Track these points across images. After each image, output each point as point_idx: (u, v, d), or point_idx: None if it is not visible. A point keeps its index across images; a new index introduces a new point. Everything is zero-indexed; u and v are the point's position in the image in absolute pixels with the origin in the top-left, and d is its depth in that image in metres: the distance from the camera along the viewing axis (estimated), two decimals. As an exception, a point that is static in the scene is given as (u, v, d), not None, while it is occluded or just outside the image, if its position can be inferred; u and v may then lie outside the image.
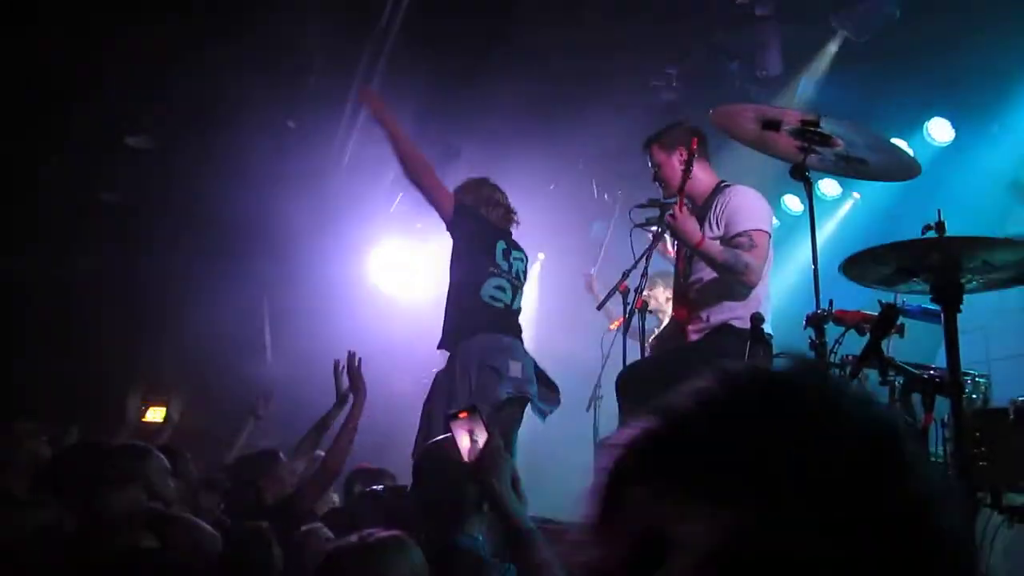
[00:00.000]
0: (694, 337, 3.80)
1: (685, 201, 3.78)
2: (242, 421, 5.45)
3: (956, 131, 5.63)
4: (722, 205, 3.75)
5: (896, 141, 5.75)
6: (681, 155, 3.88)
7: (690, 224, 3.60)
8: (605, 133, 6.55)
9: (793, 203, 6.30)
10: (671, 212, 3.63)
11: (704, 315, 3.77)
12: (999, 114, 5.45)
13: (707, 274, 3.77)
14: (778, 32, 5.35)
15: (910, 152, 5.72)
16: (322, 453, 4.34)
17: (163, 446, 3.69)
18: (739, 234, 3.63)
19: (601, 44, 5.85)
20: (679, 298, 3.92)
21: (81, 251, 7.20)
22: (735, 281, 3.63)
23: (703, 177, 3.96)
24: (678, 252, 4.09)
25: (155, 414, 6.84)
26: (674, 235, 3.79)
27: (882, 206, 5.89)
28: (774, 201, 6.17)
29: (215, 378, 7.29)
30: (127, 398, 6.69)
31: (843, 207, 6.33)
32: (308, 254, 7.76)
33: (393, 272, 8.17)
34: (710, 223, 3.74)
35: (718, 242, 3.64)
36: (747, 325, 3.48)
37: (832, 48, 5.51)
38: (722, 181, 3.95)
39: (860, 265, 2.50)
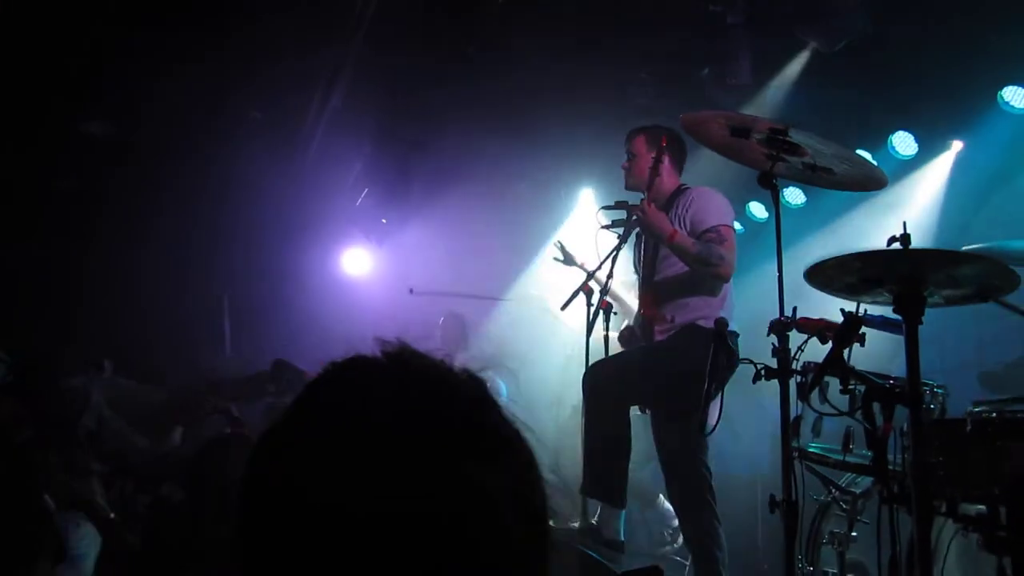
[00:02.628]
0: (660, 337, 3.83)
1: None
2: None
3: (919, 145, 5.70)
4: (684, 206, 3.82)
5: (861, 153, 5.87)
6: (666, 157, 3.99)
7: (660, 217, 3.66)
8: (574, 135, 6.56)
9: (758, 210, 6.35)
10: (640, 207, 3.65)
11: (670, 315, 3.81)
12: (962, 130, 5.54)
13: (671, 272, 3.81)
14: (749, 41, 5.38)
15: (875, 164, 5.82)
16: None
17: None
18: (708, 230, 3.71)
19: (574, 47, 5.85)
20: (645, 297, 3.94)
21: (33, 240, 7.03)
22: (709, 274, 3.67)
23: (668, 180, 4.02)
24: (644, 252, 4.10)
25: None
26: (645, 230, 3.82)
27: (845, 217, 5.95)
28: (739, 208, 6.22)
29: (172, 371, 7.16)
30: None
31: (806, 216, 6.39)
32: (271, 247, 7.67)
33: (358, 266, 8.10)
34: (676, 221, 3.78)
35: (690, 238, 3.68)
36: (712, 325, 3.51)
37: (801, 59, 5.56)
38: (682, 184, 4.01)
39: (825, 273, 2.52)
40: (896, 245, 2.57)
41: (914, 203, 5.75)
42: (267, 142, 7.37)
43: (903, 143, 5.74)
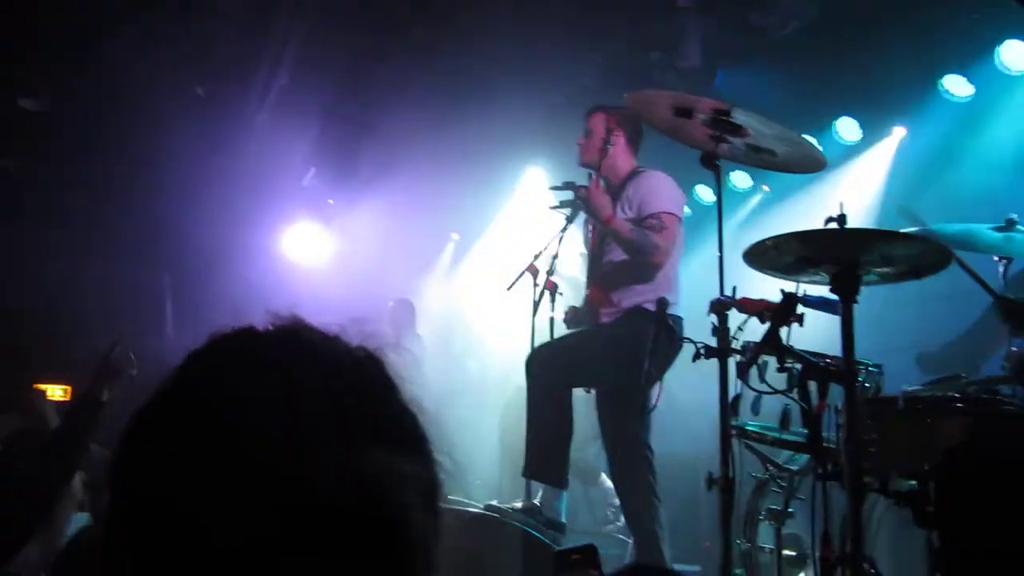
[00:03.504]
0: (605, 320, 3.84)
1: (600, 181, 3.81)
2: None
3: (863, 131, 5.79)
4: (635, 188, 3.81)
5: (806, 137, 5.94)
6: (618, 137, 3.96)
7: (602, 199, 3.68)
8: (524, 115, 6.53)
9: (706, 193, 6.40)
10: (584, 186, 3.67)
11: (615, 298, 3.82)
12: (906, 116, 5.63)
13: (618, 256, 3.81)
14: (699, 24, 5.40)
15: (817, 147, 5.90)
16: None
17: None
18: (650, 216, 3.71)
19: (523, 28, 5.81)
20: (592, 280, 3.94)
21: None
22: (643, 261, 3.67)
23: (622, 161, 4.02)
24: (593, 233, 4.10)
25: (54, 393, 6.62)
26: (586, 209, 3.82)
27: (790, 201, 6.03)
28: (687, 191, 6.26)
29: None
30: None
31: (752, 200, 6.46)
32: (214, 227, 7.51)
33: (305, 246, 7.98)
34: (623, 205, 3.79)
35: (628, 223, 3.66)
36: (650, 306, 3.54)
37: (750, 44, 5.59)
38: (638, 167, 4.00)
39: (763, 254, 2.54)
40: (833, 225, 2.60)
41: (857, 187, 5.84)
42: (211, 120, 7.21)
43: (847, 128, 5.82)
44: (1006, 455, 2.02)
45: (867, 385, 2.96)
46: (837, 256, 2.51)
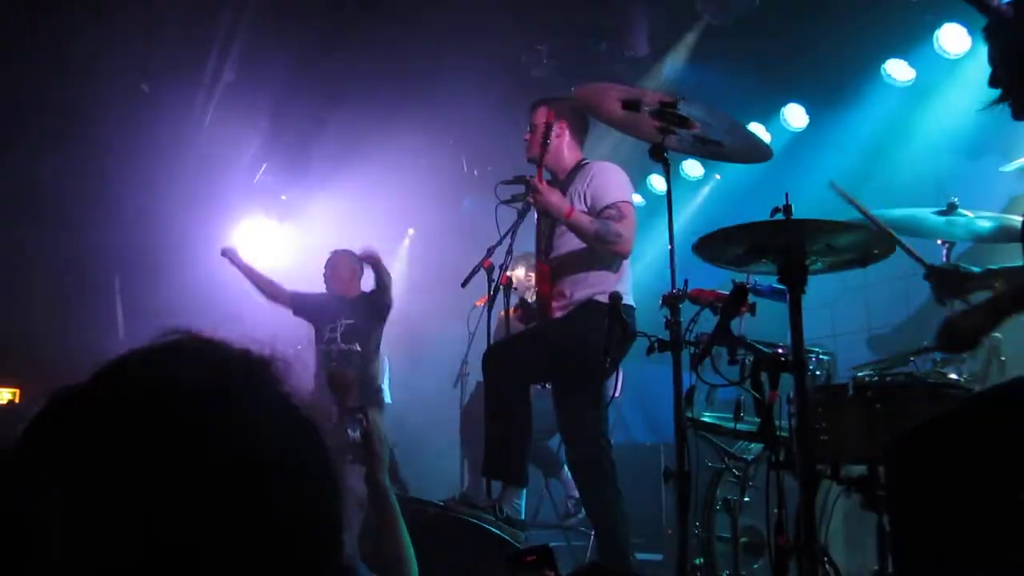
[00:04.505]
0: (558, 314, 3.81)
1: (545, 175, 3.78)
2: None
3: (810, 117, 5.86)
4: (585, 181, 3.79)
5: (754, 125, 5.99)
6: (561, 128, 3.91)
7: (555, 196, 3.64)
8: (475, 108, 6.50)
9: (659, 183, 6.44)
10: (532, 187, 3.65)
11: (567, 291, 3.79)
12: (851, 102, 5.71)
13: (568, 248, 3.80)
14: (645, 13, 5.41)
15: (763, 137, 5.96)
16: None
17: None
18: (607, 206, 3.68)
19: (471, 18, 5.78)
20: (541, 274, 3.92)
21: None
22: (607, 252, 3.66)
23: (568, 154, 3.99)
24: (538, 228, 4.07)
25: (1, 395, 6.52)
26: (540, 210, 3.80)
27: (742, 188, 6.09)
28: (639, 181, 6.29)
29: (62, 356, 6.85)
30: None
31: (705, 188, 6.51)
32: (165, 226, 7.37)
33: (256, 244, 7.86)
34: (572, 199, 3.76)
35: (587, 215, 3.66)
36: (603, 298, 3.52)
37: (696, 31, 5.62)
38: (583, 159, 3.99)
39: (712, 246, 2.55)
40: (779, 216, 2.63)
41: (803, 174, 5.91)
42: (157, 116, 7.06)
43: (794, 115, 5.89)
44: (952, 437, 2.05)
45: (818, 373, 3.01)
46: (783, 246, 2.53)
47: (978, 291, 2.68)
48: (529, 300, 4.23)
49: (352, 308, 5.76)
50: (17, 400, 6.87)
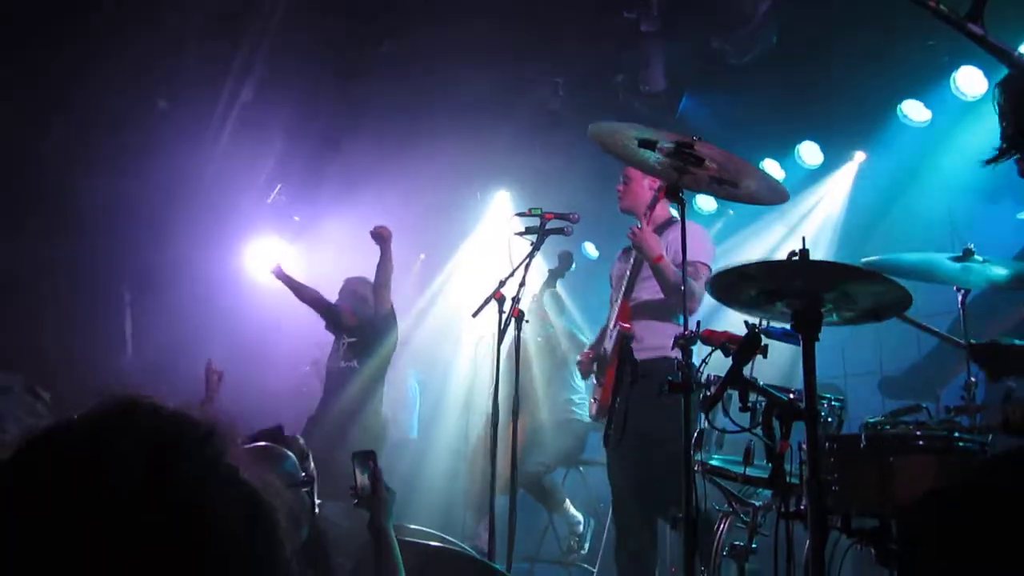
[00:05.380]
0: (639, 356, 3.85)
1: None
2: None
3: (825, 155, 5.85)
4: (672, 236, 3.95)
5: (768, 161, 5.99)
6: (652, 181, 4.13)
7: (652, 239, 3.89)
8: (490, 136, 6.51)
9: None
10: (634, 226, 3.93)
11: (640, 334, 3.94)
12: (867, 141, 5.70)
13: (648, 296, 4.01)
14: (662, 49, 5.42)
15: (777, 173, 5.96)
16: None
17: None
18: (692, 263, 3.83)
19: (488, 48, 5.80)
20: (623, 311, 4.08)
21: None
22: (679, 305, 3.71)
23: (661, 209, 4.23)
24: (628, 269, 4.20)
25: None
26: (636, 248, 4.02)
27: (755, 224, 6.07)
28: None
29: (71, 370, 6.85)
30: None
31: (718, 223, 6.49)
32: (177, 243, 7.39)
33: (266, 263, 7.86)
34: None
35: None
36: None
37: (713, 68, 5.62)
38: (672, 216, 4.19)
39: (726, 284, 2.53)
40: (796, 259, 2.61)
41: (820, 212, 5.90)
42: (174, 133, 7.10)
43: (809, 152, 5.88)
44: (970, 497, 2.02)
45: (830, 420, 2.98)
46: (800, 291, 2.51)
47: None
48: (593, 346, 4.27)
49: (357, 326, 5.76)
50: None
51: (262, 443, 2.31)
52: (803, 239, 2.67)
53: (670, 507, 3.54)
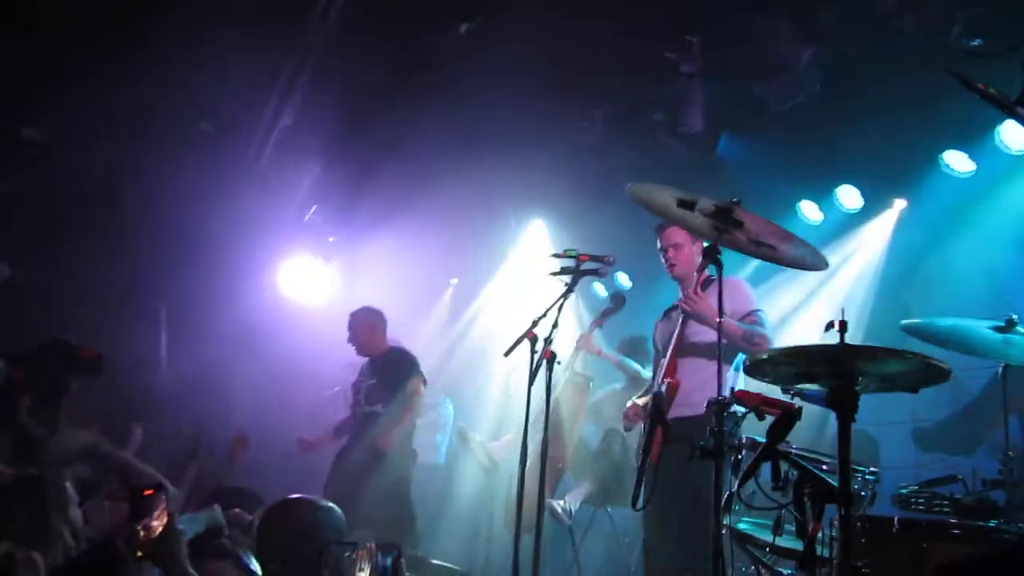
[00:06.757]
0: (677, 410, 3.89)
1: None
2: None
3: (865, 200, 5.80)
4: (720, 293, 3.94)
5: (806, 203, 5.95)
6: (700, 245, 4.13)
7: (705, 303, 3.95)
8: (526, 166, 6.54)
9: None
10: (687, 295, 4.00)
11: (687, 387, 3.94)
12: (907, 189, 5.65)
13: (692, 351, 4.06)
14: (702, 90, 5.41)
15: (815, 216, 5.92)
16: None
17: None
18: (749, 313, 4.09)
19: (529, 80, 5.82)
20: (670, 367, 4.07)
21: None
22: (751, 351, 3.85)
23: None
24: (675, 328, 4.18)
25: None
26: (694, 315, 4.06)
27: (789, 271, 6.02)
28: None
29: (105, 384, 6.96)
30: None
31: (754, 261, 6.44)
32: (214, 261, 7.49)
33: (303, 283, 7.95)
34: None
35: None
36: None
37: (752, 109, 5.59)
38: (709, 275, 4.13)
39: (762, 368, 2.52)
40: (833, 331, 2.60)
41: (858, 258, 5.85)
42: (215, 154, 7.21)
43: (848, 196, 5.83)
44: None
45: (863, 493, 2.95)
46: (835, 371, 2.50)
47: None
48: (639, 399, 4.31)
49: (374, 367, 5.76)
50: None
51: None
52: (842, 310, 2.65)
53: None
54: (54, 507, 2.99)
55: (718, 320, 3.72)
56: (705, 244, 3.34)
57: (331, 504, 2.76)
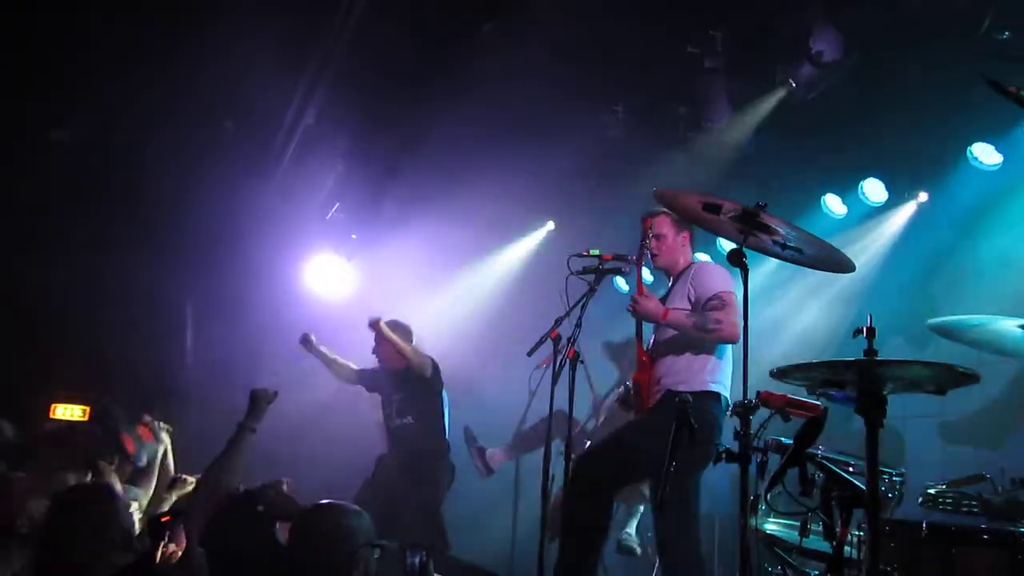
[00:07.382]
0: (651, 402, 4.00)
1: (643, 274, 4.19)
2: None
3: (889, 192, 5.75)
4: (693, 279, 4.08)
5: (830, 196, 5.91)
6: (685, 236, 4.26)
7: (651, 305, 3.98)
8: (547, 162, 6.54)
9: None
10: (632, 298, 3.99)
11: (660, 379, 4.01)
12: (933, 181, 5.59)
13: (664, 337, 4.06)
14: (725, 84, 5.38)
15: (839, 209, 5.88)
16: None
17: None
18: (711, 298, 3.95)
19: (552, 77, 5.82)
20: (641, 364, 4.12)
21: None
22: (712, 340, 3.90)
23: (683, 257, 4.30)
24: (639, 323, 4.25)
25: (69, 412, 6.72)
26: (639, 319, 4.13)
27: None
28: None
29: (131, 380, 7.05)
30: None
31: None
32: (238, 258, 7.57)
33: (325, 280, 8.00)
34: (680, 295, 4.08)
35: (684, 311, 3.96)
36: (691, 388, 3.64)
37: (775, 100, 5.55)
38: (691, 260, 4.29)
39: (790, 376, 2.53)
40: (861, 337, 2.60)
41: (883, 249, 5.81)
42: (239, 152, 7.27)
43: (874, 189, 5.79)
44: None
45: (890, 496, 2.95)
46: (862, 378, 2.50)
47: None
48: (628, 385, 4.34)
49: (400, 380, 5.77)
50: (86, 418, 7.08)
51: None
52: (869, 317, 2.65)
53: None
54: None
55: (663, 316, 3.95)
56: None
57: (359, 508, 2.81)
